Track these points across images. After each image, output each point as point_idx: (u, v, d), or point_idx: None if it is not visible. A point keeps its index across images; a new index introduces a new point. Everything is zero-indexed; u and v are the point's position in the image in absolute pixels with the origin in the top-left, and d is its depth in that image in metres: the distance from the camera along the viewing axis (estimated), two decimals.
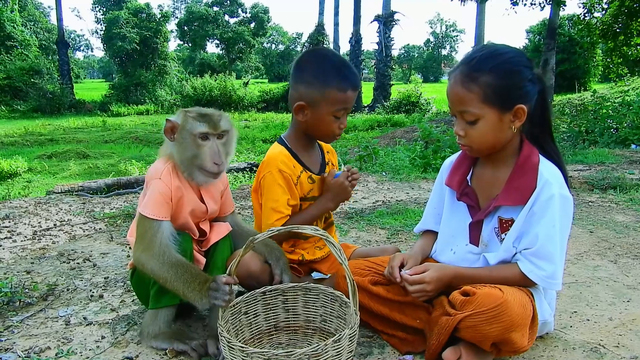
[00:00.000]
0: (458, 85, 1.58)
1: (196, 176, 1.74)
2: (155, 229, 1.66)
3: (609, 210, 3.68)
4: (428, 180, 5.22)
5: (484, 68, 1.54)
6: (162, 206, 1.68)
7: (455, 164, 1.82)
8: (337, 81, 1.87)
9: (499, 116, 1.56)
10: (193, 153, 1.70)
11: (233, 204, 2.03)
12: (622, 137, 8.03)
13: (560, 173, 1.63)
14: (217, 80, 29.24)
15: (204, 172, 1.73)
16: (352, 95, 1.92)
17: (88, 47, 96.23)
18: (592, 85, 28.49)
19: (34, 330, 1.90)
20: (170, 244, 1.66)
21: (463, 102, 1.58)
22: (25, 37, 32.50)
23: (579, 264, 2.56)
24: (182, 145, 1.71)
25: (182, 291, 1.57)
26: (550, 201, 1.56)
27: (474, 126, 1.59)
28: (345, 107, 1.92)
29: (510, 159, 1.67)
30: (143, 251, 1.65)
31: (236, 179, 7.75)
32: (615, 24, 17.83)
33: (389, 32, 27.30)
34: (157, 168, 1.75)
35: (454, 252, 1.78)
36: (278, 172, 1.93)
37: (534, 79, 1.59)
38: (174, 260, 1.62)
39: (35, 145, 15.13)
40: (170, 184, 1.71)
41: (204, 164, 1.71)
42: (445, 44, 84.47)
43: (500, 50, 1.59)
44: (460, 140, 1.66)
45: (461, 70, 1.58)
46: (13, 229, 3.35)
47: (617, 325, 1.89)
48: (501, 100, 1.54)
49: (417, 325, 1.69)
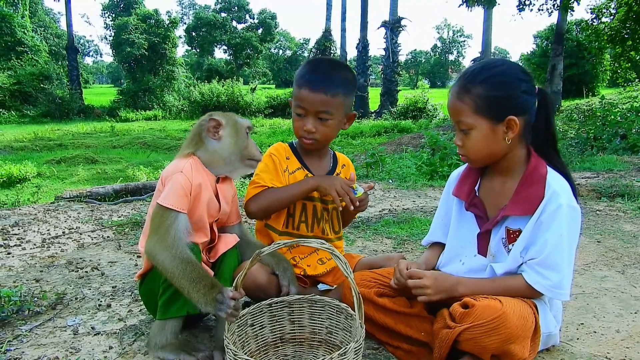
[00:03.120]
0: (454, 97, 1.65)
1: (237, 167, 1.89)
2: (172, 220, 1.67)
3: (617, 219, 3.66)
4: (435, 188, 5.21)
5: (476, 80, 1.60)
6: (182, 198, 1.71)
7: (463, 174, 1.84)
8: (298, 77, 1.95)
9: (491, 127, 1.60)
10: (244, 144, 1.86)
11: (240, 214, 2.05)
12: (631, 144, 7.99)
13: (568, 184, 1.64)
14: (225, 86, 29.40)
15: (251, 162, 1.89)
16: (306, 94, 1.90)
17: (97, 52, 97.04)
18: (600, 91, 28.37)
19: (43, 339, 1.92)
20: (184, 238, 1.67)
21: (457, 113, 1.64)
22: (36, 42, 32.89)
23: (586, 275, 2.55)
24: (233, 139, 1.84)
25: (187, 290, 1.58)
26: (558, 212, 1.56)
27: (468, 136, 1.64)
28: (301, 106, 1.93)
29: (517, 170, 1.68)
30: (157, 242, 1.65)
31: (243, 185, 7.73)
32: (623, 29, 17.76)
33: (396, 37, 27.34)
34: (177, 165, 1.79)
35: (462, 262, 1.79)
36: (268, 156, 2.04)
37: (530, 91, 1.61)
38: (185, 255, 1.63)
39: (45, 150, 15.25)
40: (191, 178, 1.75)
41: (253, 152, 1.88)
42: (452, 49, 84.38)
43: (493, 63, 1.65)
44: (459, 150, 1.71)
45: (457, 83, 1.66)
46: (22, 237, 3.38)
47: (624, 337, 1.89)
48: (492, 111, 1.58)
49: (422, 337, 1.69)
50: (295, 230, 2.06)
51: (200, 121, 1.86)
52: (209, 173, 1.83)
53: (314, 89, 1.89)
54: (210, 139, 1.82)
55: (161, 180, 1.79)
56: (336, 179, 1.94)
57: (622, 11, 17.42)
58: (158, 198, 1.72)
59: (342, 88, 1.93)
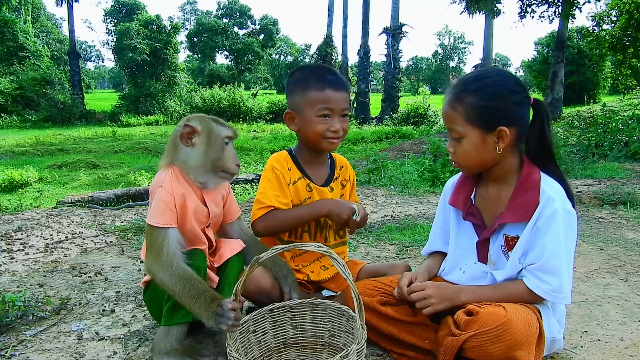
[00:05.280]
0: (447, 105, 1.67)
1: (211, 178, 1.80)
2: (162, 237, 1.68)
3: (619, 227, 3.66)
4: (436, 194, 5.22)
5: (469, 89, 1.62)
6: (165, 213, 1.70)
7: (458, 183, 1.85)
8: (315, 82, 1.93)
9: (481, 136, 1.61)
10: (217, 155, 1.77)
11: (239, 209, 2.04)
12: (632, 152, 8.00)
13: (563, 189, 1.64)
14: (226, 91, 29.51)
15: (224, 174, 1.80)
16: (332, 94, 1.91)
17: (99, 57, 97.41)
18: (601, 98, 28.41)
19: (47, 344, 1.92)
20: (177, 253, 1.68)
21: (450, 120, 1.66)
22: (38, 47, 32.97)
23: (589, 282, 2.55)
24: (205, 148, 1.76)
25: (189, 305, 1.59)
26: (554, 216, 1.57)
27: (460, 144, 1.66)
28: (328, 107, 1.91)
29: (511, 178, 1.69)
30: (153, 261, 1.66)
31: (244, 190, 7.72)
32: (625, 36, 17.85)
33: (397, 44, 27.43)
34: (158, 178, 1.78)
35: (463, 271, 1.80)
36: (270, 169, 2.00)
37: (522, 103, 1.61)
38: (181, 272, 1.63)
39: (46, 155, 15.29)
40: (172, 191, 1.73)
41: (227, 165, 1.79)
42: (453, 56, 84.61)
43: (486, 73, 1.66)
44: (451, 157, 1.73)
45: (451, 92, 1.67)
46: (26, 242, 3.39)
47: (628, 345, 1.88)
48: (483, 121, 1.60)
49: (425, 345, 1.70)
50: (297, 240, 2.06)
51: (177, 127, 1.81)
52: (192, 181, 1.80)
53: (338, 89, 1.93)
54: (184, 146, 1.78)
55: (150, 195, 1.79)
56: (343, 206, 1.94)
57: (623, 19, 17.50)
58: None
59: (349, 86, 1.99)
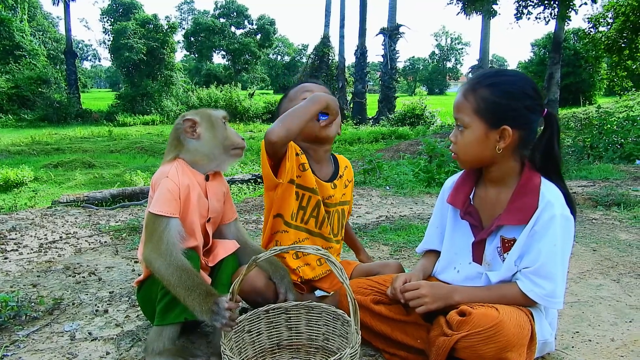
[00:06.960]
0: (460, 94, 1.68)
1: (224, 159, 1.87)
2: (163, 226, 1.68)
3: (613, 228, 3.68)
4: (432, 195, 5.23)
5: (484, 82, 1.63)
6: (170, 203, 1.71)
7: (458, 182, 1.85)
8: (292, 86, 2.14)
9: (485, 131, 1.62)
10: (224, 135, 1.85)
11: (235, 211, 2.05)
12: (627, 153, 8.03)
13: (562, 195, 1.65)
14: (223, 91, 29.48)
15: (236, 151, 1.87)
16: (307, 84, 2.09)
17: (95, 57, 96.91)
18: (597, 99, 28.53)
19: (40, 345, 1.92)
20: (177, 243, 1.68)
21: (459, 109, 1.67)
22: (34, 46, 32.84)
23: (582, 283, 2.57)
24: (211, 134, 1.83)
25: (183, 297, 1.59)
26: (552, 221, 1.58)
27: (462, 134, 1.67)
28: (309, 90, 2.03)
29: (511, 181, 1.69)
30: (152, 250, 1.66)
31: (240, 190, 7.71)
32: (620, 38, 17.92)
33: (394, 44, 27.45)
34: (163, 170, 1.79)
35: (457, 270, 1.80)
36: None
37: (534, 109, 1.62)
38: (179, 262, 1.64)
39: (42, 155, 15.21)
40: (178, 182, 1.75)
41: (236, 140, 1.87)
42: (450, 57, 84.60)
43: (507, 72, 1.68)
44: (451, 147, 1.74)
45: (468, 81, 1.69)
46: (19, 241, 3.38)
47: (619, 346, 1.89)
48: (489, 115, 1.60)
49: (418, 345, 1.70)
50: (303, 224, 2.06)
51: (176, 124, 1.85)
52: (196, 172, 1.84)
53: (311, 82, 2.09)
54: (189, 139, 1.82)
55: (152, 187, 1.80)
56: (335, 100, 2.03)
57: (619, 21, 17.58)
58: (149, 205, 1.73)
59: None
